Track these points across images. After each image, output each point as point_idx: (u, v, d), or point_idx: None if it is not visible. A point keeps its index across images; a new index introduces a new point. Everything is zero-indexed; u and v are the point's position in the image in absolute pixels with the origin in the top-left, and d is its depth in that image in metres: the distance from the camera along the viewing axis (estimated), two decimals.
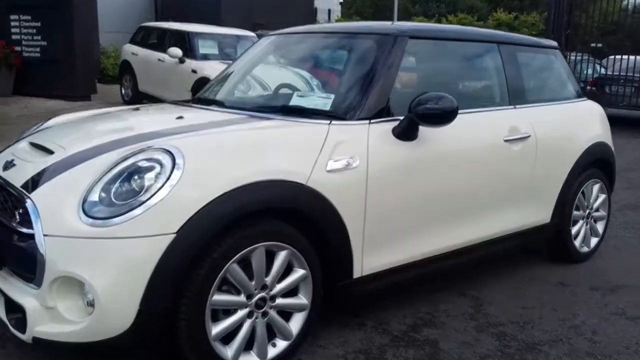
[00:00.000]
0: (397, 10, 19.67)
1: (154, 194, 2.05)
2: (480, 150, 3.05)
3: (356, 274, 2.61)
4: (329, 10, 22.00)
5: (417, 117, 2.61)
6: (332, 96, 2.78)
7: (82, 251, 2.03)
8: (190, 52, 9.00)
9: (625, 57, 11.75)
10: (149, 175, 2.10)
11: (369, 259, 2.63)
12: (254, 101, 3.14)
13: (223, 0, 16.41)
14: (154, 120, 2.87)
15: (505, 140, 3.16)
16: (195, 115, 2.84)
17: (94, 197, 2.09)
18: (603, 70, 12.43)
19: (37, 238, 2.07)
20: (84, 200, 2.08)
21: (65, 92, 9.94)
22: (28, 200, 2.15)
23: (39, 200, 2.13)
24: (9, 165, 2.46)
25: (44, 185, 2.19)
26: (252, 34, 10.26)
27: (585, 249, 3.87)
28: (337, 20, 20.45)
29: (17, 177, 2.32)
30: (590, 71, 12.24)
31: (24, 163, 2.41)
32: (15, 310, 2.19)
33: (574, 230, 3.77)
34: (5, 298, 2.25)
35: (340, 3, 27.82)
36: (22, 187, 2.23)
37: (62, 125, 2.91)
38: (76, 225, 2.04)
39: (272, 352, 2.39)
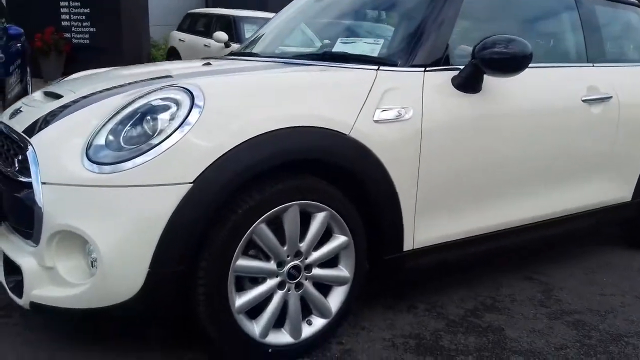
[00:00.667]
0: None
1: (168, 137, 1.73)
2: (555, 110, 2.61)
3: (406, 246, 2.23)
4: None
5: (483, 63, 2.20)
6: (381, 41, 2.40)
7: (84, 202, 1.73)
8: (235, 36, 8.78)
9: None
10: (163, 116, 1.78)
11: (421, 230, 2.25)
12: (293, 50, 2.79)
13: None
14: (179, 67, 2.57)
15: (584, 101, 2.71)
16: (225, 62, 2.52)
17: (100, 140, 1.78)
18: None
19: (34, 187, 1.78)
20: (89, 145, 1.78)
21: None
22: (28, 146, 1.87)
23: (38, 144, 1.84)
24: (15, 112, 2.20)
25: (46, 129, 1.90)
26: None
27: None
28: None
29: (20, 123, 2.04)
30: None
31: (31, 109, 2.14)
32: (14, 271, 1.92)
33: None
34: (5, 258, 1.98)
35: None
36: (23, 132, 1.96)
37: (83, 76, 2.64)
38: (78, 172, 1.74)
39: (307, 330, 2.04)
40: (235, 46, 8.64)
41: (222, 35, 8.60)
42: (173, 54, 10.33)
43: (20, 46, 6.99)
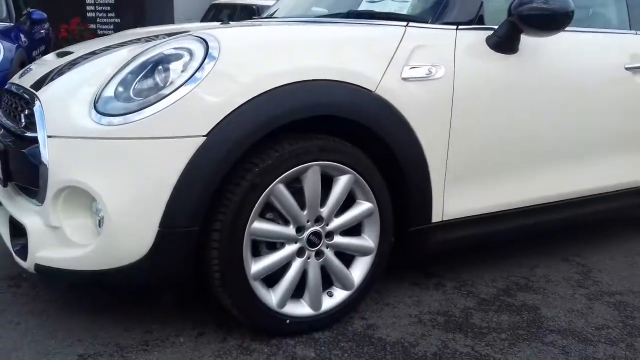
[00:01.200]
0: None
1: (180, 87, 1.61)
2: (596, 77, 2.43)
3: (435, 218, 2.08)
4: None
5: (520, 20, 2.04)
6: None
7: (91, 156, 1.62)
8: None
9: None
10: (175, 66, 1.66)
11: (451, 201, 2.10)
12: (315, 11, 2.65)
13: None
14: (196, 25, 2.45)
15: (627, 69, 2.53)
16: (246, 23, 2.39)
17: (109, 92, 1.67)
18: None
19: (40, 140, 1.67)
20: (98, 97, 1.67)
21: None
22: (35, 101, 1.77)
23: (45, 98, 1.74)
24: (25, 72, 2.11)
25: (53, 82, 1.80)
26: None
27: None
28: None
29: (29, 80, 1.95)
30: None
31: (40, 67, 2.05)
32: (20, 234, 1.82)
33: None
34: (10, 221, 1.88)
35: None
36: (31, 87, 1.86)
37: (99, 39, 2.55)
38: (85, 124, 1.63)
39: (327, 303, 1.90)
40: None
41: None
42: None
43: (45, 33, 6.99)
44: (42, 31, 6.80)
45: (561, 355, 1.82)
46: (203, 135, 1.59)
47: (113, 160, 1.60)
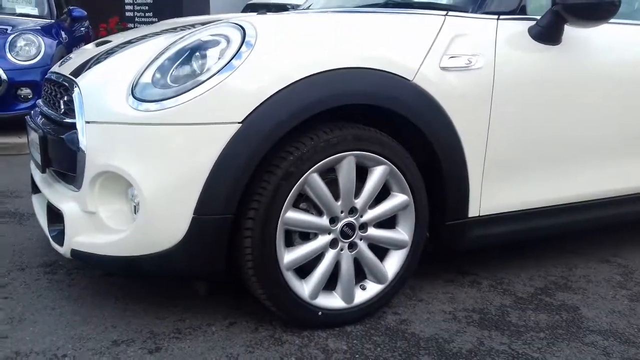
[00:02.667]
0: None
1: (216, 73, 1.60)
2: None
3: (472, 212, 2.03)
4: None
5: (565, 9, 1.97)
6: None
7: (128, 141, 1.63)
8: None
9: None
10: (212, 52, 1.66)
11: (489, 196, 2.05)
12: (353, 2, 2.62)
13: None
14: (234, 15, 2.44)
15: None
16: (282, 13, 2.38)
17: (147, 78, 1.67)
18: None
19: (78, 126, 1.69)
20: (135, 83, 1.68)
21: None
22: (74, 87, 1.78)
23: (84, 84, 1.76)
24: (65, 60, 2.14)
25: (92, 69, 1.82)
26: None
27: None
28: None
29: (68, 67, 1.97)
30: None
31: (79, 55, 2.08)
32: (57, 220, 1.84)
33: None
34: (48, 206, 1.91)
35: None
36: (70, 74, 1.88)
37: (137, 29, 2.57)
38: (122, 110, 1.64)
39: (360, 296, 1.87)
40: None
41: None
42: None
43: (85, 31, 7.12)
44: (82, 29, 6.93)
45: (602, 356, 1.75)
46: (239, 122, 1.58)
47: (149, 146, 1.60)
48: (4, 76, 4.82)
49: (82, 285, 2.10)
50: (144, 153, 1.61)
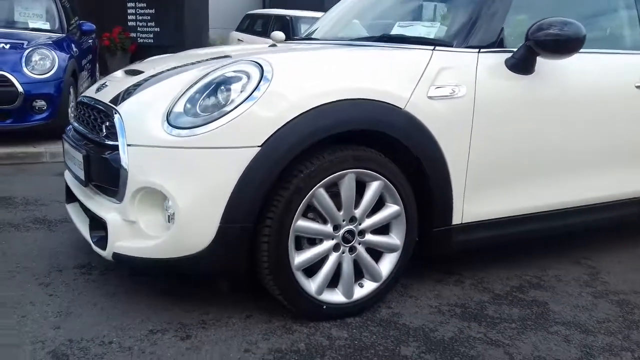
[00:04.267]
0: None
1: (239, 105, 1.92)
2: (607, 95, 2.67)
3: (455, 220, 2.35)
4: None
5: (537, 44, 2.29)
6: (437, 24, 2.54)
7: (164, 161, 1.93)
8: (292, 35, 9.02)
9: None
10: (235, 86, 1.97)
11: (471, 205, 2.37)
12: (353, 34, 2.94)
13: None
14: (247, 48, 2.76)
15: (638, 87, 2.76)
16: (288, 45, 2.70)
17: (179, 108, 1.99)
18: None
19: (120, 148, 2.00)
20: (169, 112, 1.99)
21: None
22: (115, 114, 2.09)
23: (125, 111, 2.07)
24: (101, 87, 2.44)
25: (131, 98, 2.12)
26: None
27: None
28: None
29: (106, 95, 2.28)
30: None
31: (115, 83, 2.38)
32: (99, 227, 2.15)
33: None
34: (90, 216, 2.21)
35: None
36: (110, 101, 2.19)
37: (160, 57, 2.88)
38: (159, 135, 1.95)
39: (358, 292, 2.19)
40: None
41: (279, 34, 8.82)
42: None
43: (92, 42, 7.41)
44: (89, 41, 7.22)
45: (563, 343, 2.07)
46: (258, 146, 1.89)
47: (183, 166, 1.91)
48: (20, 89, 5.09)
49: (114, 284, 2.40)
50: (178, 172, 1.91)
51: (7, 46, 5.32)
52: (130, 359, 1.84)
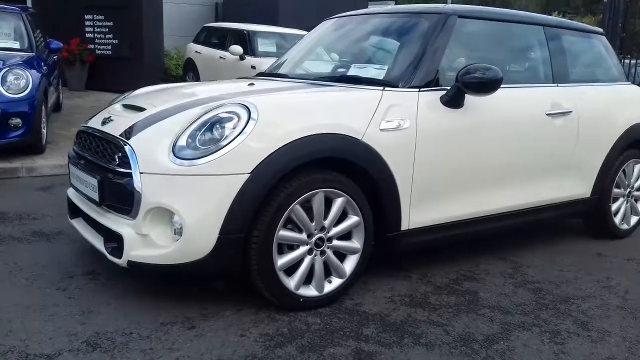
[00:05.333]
0: None
1: (232, 140, 2.41)
2: (523, 122, 3.30)
3: (404, 226, 2.91)
4: None
5: (464, 85, 2.88)
6: (386, 67, 3.10)
7: (172, 186, 2.41)
8: (250, 49, 9.46)
9: None
10: (229, 125, 2.47)
11: (415, 214, 2.93)
12: (315, 72, 3.48)
13: (281, 10, 16.97)
14: (229, 87, 3.25)
15: (548, 114, 3.40)
16: (264, 83, 3.21)
17: (182, 142, 2.47)
18: None
19: (134, 176, 2.46)
20: (174, 145, 2.47)
21: (133, 88, 10.50)
22: (127, 146, 2.55)
23: (135, 145, 2.53)
24: (106, 120, 2.88)
25: (140, 133, 2.59)
26: (306, 32, 10.71)
27: (625, 226, 4.05)
28: None
29: (115, 129, 2.73)
30: None
31: (120, 118, 2.83)
32: (112, 239, 2.60)
33: (614, 207, 3.95)
34: (104, 230, 2.66)
35: None
36: (120, 135, 2.64)
37: (148, 92, 3.34)
38: (167, 165, 2.43)
39: (327, 287, 2.71)
40: (249, 59, 9.36)
41: (237, 48, 9.33)
42: (190, 65, 11.03)
43: (56, 58, 7.69)
44: (54, 57, 7.49)
45: (488, 322, 2.66)
46: (248, 173, 2.39)
47: (188, 190, 2.39)
48: None
49: (121, 287, 2.84)
50: (185, 194, 2.39)
51: None
52: (150, 344, 2.31)
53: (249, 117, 2.46)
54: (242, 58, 9.36)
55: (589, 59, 4.02)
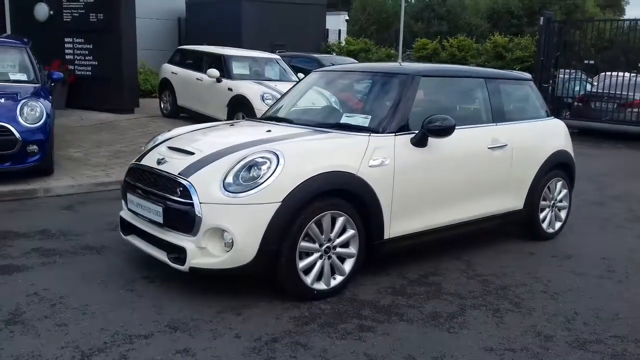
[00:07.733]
0: (402, 29, 21.07)
1: (267, 178, 3.37)
2: (471, 155, 4.37)
3: (386, 235, 3.92)
4: (339, 31, 23.31)
5: (428, 131, 3.92)
6: (369, 117, 4.10)
7: (225, 212, 3.35)
8: (226, 72, 10.30)
9: (614, 74, 12.77)
10: (263, 167, 3.42)
11: (394, 226, 3.94)
12: (314, 119, 4.46)
13: (243, 25, 17.84)
14: (252, 132, 4.18)
15: (489, 148, 4.48)
16: (277, 129, 4.17)
17: (229, 180, 3.41)
18: (590, 87, 13.69)
19: (195, 205, 3.38)
20: (223, 182, 3.40)
21: (113, 106, 11.26)
22: (187, 182, 3.46)
23: (194, 182, 3.45)
24: (161, 161, 3.78)
25: (196, 173, 3.50)
26: (277, 56, 11.65)
27: (551, 230, 5.18)
28: (346, 42, 21.87)
29: (172, 168, 3.63)
30: (578, 88, 13.47)
31: (173, 160, 3.73)
32: (174, 251, 3.51)
33: (541, 215, 5.07)
34: (167, 244, 3.56)
35: (346, 20, 28.99)
36: (179, 174, 3.55)
37: (184, 134, 4.24)
38: (219, 196, 3.36)
39: (333, 282, 3.69)
40: (226, 81, 10.20)
41: (215, 72, 10.20)
42: (166, 85, 11.74)
43: (52, 85, 8.37)
44: (52, 84, 8.19)
45: (449, 304, 3.69)
46: (280, 202, 3.35)
47: (236, 215, 3.33)
48: (19, 137, 6.14)
49: (175, 287, 3.73)
50: (234, 218, 3.33)
51: (2, 99, 6.34)
52: (214, 326, 3.23)
53: (278, 162, 3.42)
54: (218, 80, 10.22)
55: (520, 100, 5.14)
